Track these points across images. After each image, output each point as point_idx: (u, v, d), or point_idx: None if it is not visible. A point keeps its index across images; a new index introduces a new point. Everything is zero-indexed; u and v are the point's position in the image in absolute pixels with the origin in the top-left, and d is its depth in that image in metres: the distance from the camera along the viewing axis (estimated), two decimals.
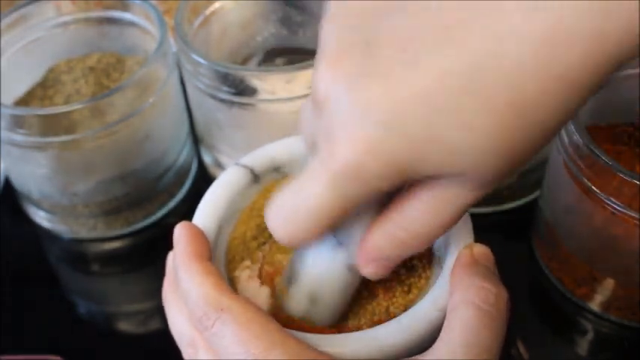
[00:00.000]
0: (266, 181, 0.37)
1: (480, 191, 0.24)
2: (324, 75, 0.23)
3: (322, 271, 0.30)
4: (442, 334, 0.28)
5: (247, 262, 0.35)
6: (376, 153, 0.22)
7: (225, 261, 0.34)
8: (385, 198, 0.27)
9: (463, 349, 0.27)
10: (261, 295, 0.34)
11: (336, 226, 0.26)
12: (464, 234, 0.32)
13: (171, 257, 0.34)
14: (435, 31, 0.21)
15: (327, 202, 0.24)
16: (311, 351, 0.28)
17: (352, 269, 0.29)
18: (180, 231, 0.32)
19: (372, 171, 0.23)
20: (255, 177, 0.36)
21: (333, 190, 0.24)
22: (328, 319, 0.32)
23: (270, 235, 0.35)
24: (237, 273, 0.34)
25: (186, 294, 0.30)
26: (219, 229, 0.34)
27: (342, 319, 0.33)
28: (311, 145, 0.26)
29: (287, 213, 0.26)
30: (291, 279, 0.32)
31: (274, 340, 0.27)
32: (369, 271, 0.28)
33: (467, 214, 0.33)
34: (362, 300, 0.33)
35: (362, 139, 0.22)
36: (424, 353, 0.28)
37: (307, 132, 0.28)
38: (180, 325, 0.31)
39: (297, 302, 0.32)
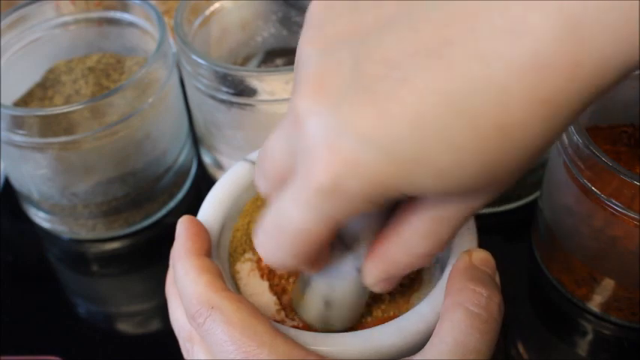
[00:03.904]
0: None
1: (474, 204, 0.24)
2: (306, 97, 0.22)
3: (333, 275, 0.30)
4: (433, 335, 0.28)
5: (249, 255, 0.35)
6: (360, 173, 0.21)
7: (228, 254, 0.34)
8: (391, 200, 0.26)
9: (451, 350, 0.27)
10: (262, 289, 0.34)
11: (324, 245, 0.26)
12: (467, 239, 0.32)
13: None
14: (424, 51, 0.20)
15: (309, 224, 0.23)
16: (300, 350, 0.28)
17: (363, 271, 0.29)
18: (181, 225, 0.32)
19: (353, 191, 0.22)
20: None
21: (314, 211, 0.23)
22: (345, 321, 0.32)
23: None
24: (238, 266, 0.34)
25: (182, 290, 0.30)
26: (224, 224, 0.34)
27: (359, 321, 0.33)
28: (277, 181, 0.25)
29: (271, 239, 0.25)
30: (304, 286, 0.32)
31: (264, 340, 0.27)
32: (378, 289, 0.29)
33: (471, 220, 0.33)
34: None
35: (344, 159, 0.21)
36: (415, 355, 0.28)
37: (274, 165, 0.26)
38: (179, 319, 0.32)
39: (313, 307, 0.32)
